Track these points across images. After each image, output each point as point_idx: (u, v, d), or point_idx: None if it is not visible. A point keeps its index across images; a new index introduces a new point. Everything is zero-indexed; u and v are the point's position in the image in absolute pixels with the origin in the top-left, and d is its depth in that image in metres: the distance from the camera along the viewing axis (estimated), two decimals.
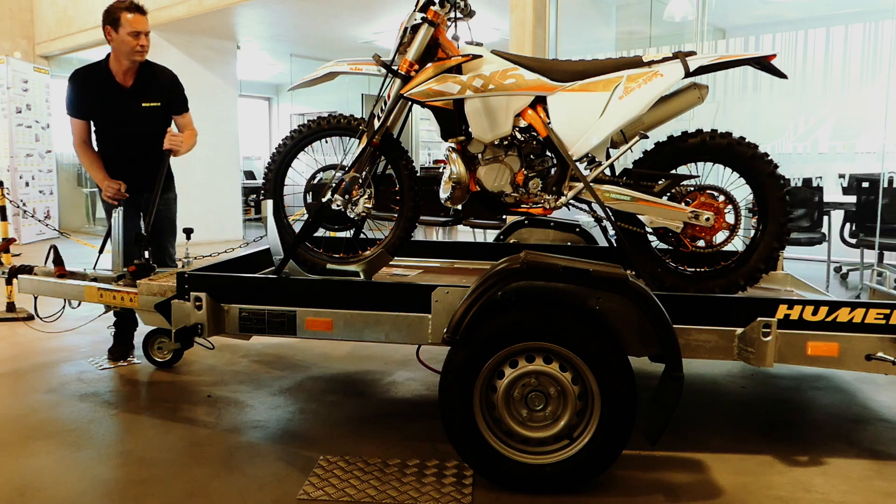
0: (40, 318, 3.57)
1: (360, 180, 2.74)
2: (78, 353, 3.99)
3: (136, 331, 3.88)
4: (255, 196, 12.10)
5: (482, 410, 2.31)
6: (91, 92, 3.58)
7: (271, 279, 2.73)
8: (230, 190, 10.16)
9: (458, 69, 2.61)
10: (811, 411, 3.15)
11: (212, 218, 9.57)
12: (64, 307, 3.53)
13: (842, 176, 7.01)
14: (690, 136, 2.60)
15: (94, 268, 3.63)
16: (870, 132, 7.18)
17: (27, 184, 9.94)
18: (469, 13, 2.74)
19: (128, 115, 3.58)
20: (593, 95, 2.58)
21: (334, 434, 2.82)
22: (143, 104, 3.58)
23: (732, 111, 7.59)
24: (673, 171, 2.64)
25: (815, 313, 2.39)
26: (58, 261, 3.48)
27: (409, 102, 2.72)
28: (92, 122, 3.66)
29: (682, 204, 2.60)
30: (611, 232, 3.11)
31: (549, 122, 2.60)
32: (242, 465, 2.53)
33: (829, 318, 2.39)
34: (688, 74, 2.53)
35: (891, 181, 6.14)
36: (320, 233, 3.03)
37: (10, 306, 4.80)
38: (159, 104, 3.62)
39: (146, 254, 3.38)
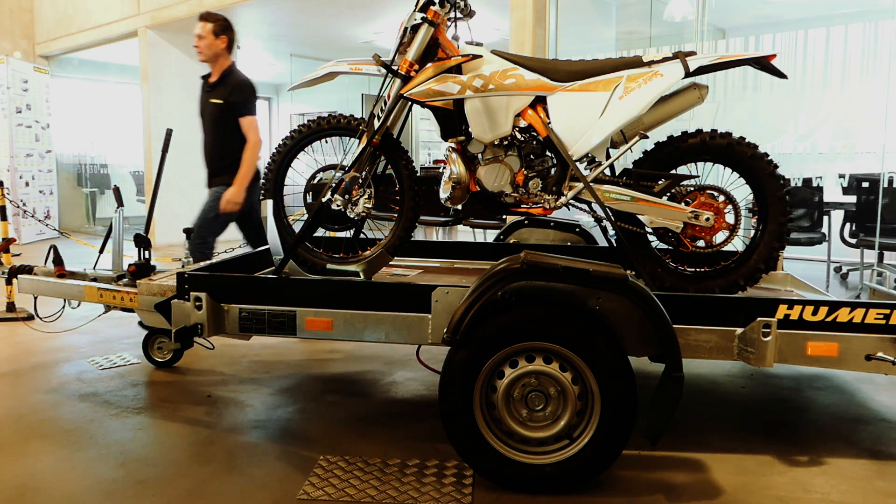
0: (40, 318, 3.58)
1: (360, 180, 2.74)
2: (78, 353, 3.99)
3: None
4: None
5: (482, 410, 2.31)
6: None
7: (271, 279, 2.72)
8: None
9: (458, 69, 2.61)
10: (811, 411, 3.15)
11: None
12: (64, 307, 3.53)
13: (842, 176, 6.99)
14: (690, 136, 2.60)
15: (94, 268, 3.64)
16: (870, 132, 7.17)
17: (27, 184, 9.94)
18: (469, 13, 2.74)
19: (203, 108, 4.26)
20: (593, 95, 2.58)
21: (334, 434, 2.82)
22: (211, 100, 4.17)
23: (732, 111, 7.57)
24: (673, 171, 2.64)
25: (815, 313, 2.39)
26: (58, 261, 3.49)
27: (409, 102, 2.72)
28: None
29: (682, 204, 2.60)
30: (611, 232, 3.11)
31: (549, 122, 2.60)
32: (242, 465, 2.53)
33: (829, 318, 2.39)
34: (688, 74, 2.54)
35: (891, 181, 6.14)
36: (320, 232, 3.03)
37: (10, 306, 4.80)
38: (221, 101, 4.11)
39: (146, 254, 3.39)
